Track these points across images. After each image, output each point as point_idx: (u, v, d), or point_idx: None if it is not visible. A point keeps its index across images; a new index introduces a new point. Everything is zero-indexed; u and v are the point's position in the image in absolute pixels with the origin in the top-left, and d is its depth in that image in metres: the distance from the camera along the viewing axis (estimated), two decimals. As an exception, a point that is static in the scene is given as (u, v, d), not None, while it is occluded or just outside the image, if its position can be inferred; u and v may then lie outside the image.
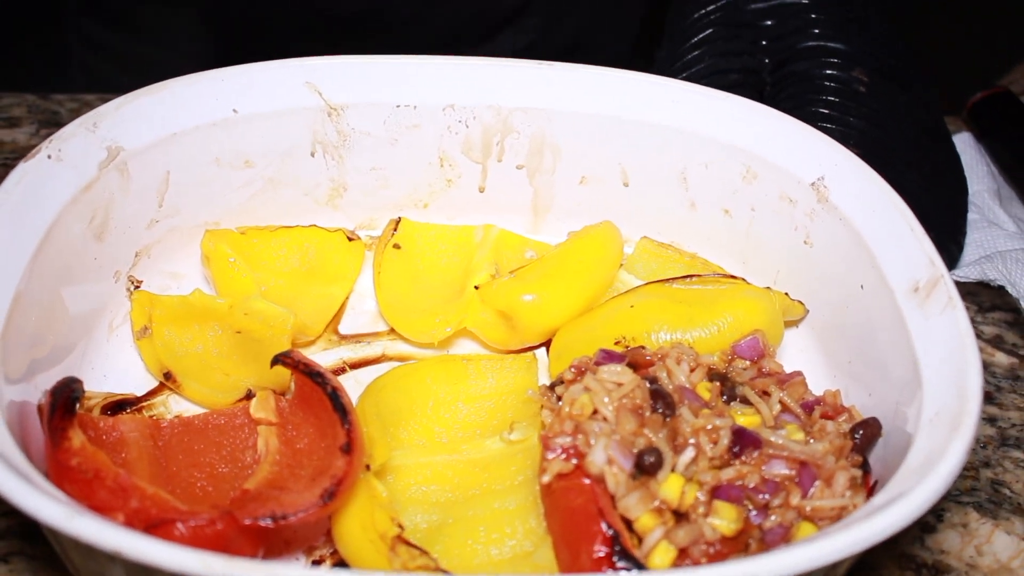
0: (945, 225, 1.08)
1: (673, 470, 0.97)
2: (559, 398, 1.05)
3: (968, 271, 1.38)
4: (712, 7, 1.52)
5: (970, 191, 1.52)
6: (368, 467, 1.03)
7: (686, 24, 1.53)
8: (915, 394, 0.98)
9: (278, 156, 1.26)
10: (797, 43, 1.45)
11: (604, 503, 0.96)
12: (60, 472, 0.93)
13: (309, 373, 1.04)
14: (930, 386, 0.97)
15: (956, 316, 1.00)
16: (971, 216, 1.48)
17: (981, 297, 1.43)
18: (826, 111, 1.38)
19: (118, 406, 1.13)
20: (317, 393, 1.03)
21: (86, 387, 1.05)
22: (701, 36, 1.50)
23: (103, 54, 1.84)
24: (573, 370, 1.07)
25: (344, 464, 0.97)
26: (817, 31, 1.44)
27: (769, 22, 1.49)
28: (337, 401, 1.01)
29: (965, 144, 1.60)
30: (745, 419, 1.04)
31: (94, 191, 1.13)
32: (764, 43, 1.47)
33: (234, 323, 1.18)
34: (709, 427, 1.00)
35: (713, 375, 1.08)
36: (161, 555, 0.78)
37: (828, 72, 1.40)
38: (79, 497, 0.91)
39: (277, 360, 1.06)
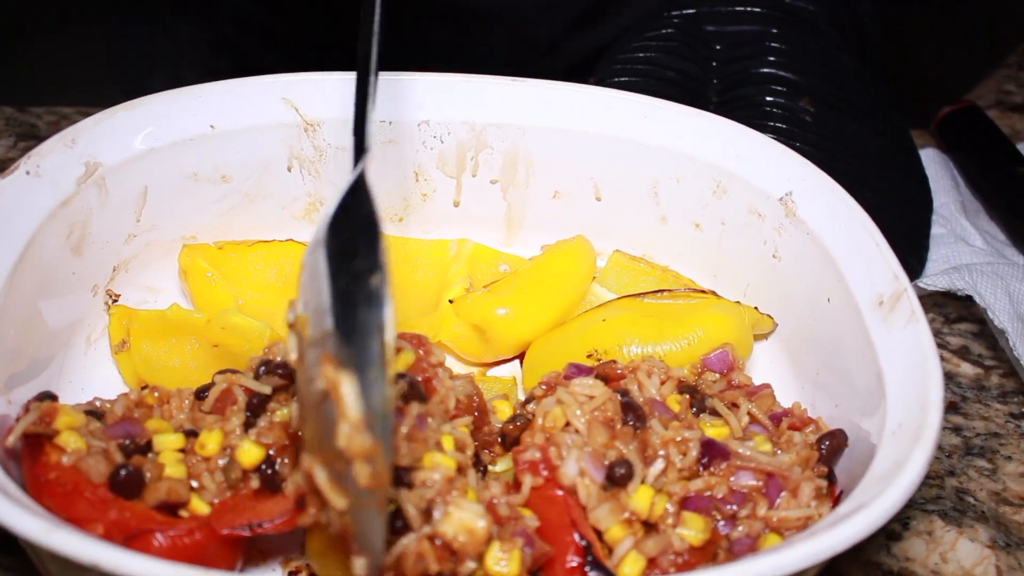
0: (905, 244, 1.10)
1: (643, 481, 0.99)
2: (532, 414, 1.07)
3: (936, 280, 1.41)
4: (677, 13, 1.54)
5: (937, 204, 1.55)
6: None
7: (648, 20, 1.56)
8: (879, 405, 1.01)
9: (255, 171, 1.27)
10: (750, 68, 1.48)
11: (576, 514, 0.98)
12: (39, 486, 0.94)
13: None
14: (893, 398, 0.99)
15: (919, 329, 1.02)
16: (938, 231, 1.51)
17: (948, 308, 1.46)
18: (771, 136, 1.40)
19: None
20: None
21: (64, 401, 1.06)
22: (657, 32, 1.52)
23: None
24: (544, 386, 1.09)
25: None
26: (772, 59, 1.48)
27: (719, 46, 1.52)
28: None
29: (932, 158, 1.63)
30: (714, 431, 1.06)
31: (72, 206, 1.15)
32: (715, 64, 1.50)
33: (211, 337, 1.19)
34: (678, 439, 1.02)
35: (683, 388, 1.10)
36: (137, 568, 0.80)
37: (774, 100, 1.44)
38: (58, 510, 0.92)
39: None
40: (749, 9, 1.52)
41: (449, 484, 0.94)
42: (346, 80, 1.26)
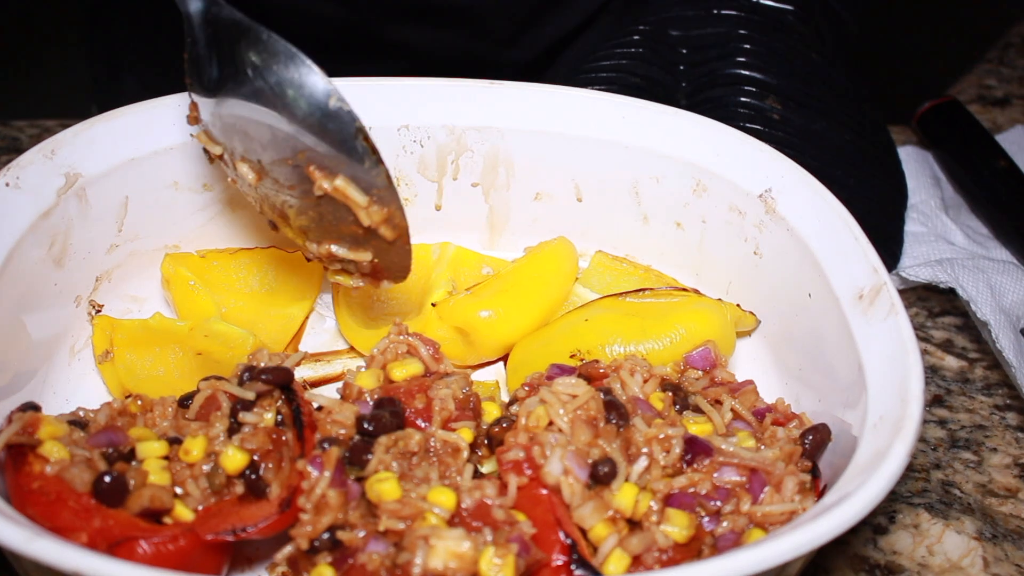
0: (876, 238, 1.11)
1: (627, 479, 0.99)
2: (516, 415, 1.07)
3: (918, 271, 1.41)
4: (643, 22, 1.56)
5: (917, 201, 1.55)
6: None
7: (615, 29, 1.57)
8: (860, 399, 1.01)
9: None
10: (717, 70, 1.49)
11: (561, 513, 0.98)
12: (22, 496, 0.94)
13: (284, 385, 1.05)
14: (874, 391, 1.00)
15: (899, 322, 1.02)
16: (919, 229, 1.51)
17: (931, 302, 1.46)
18: None
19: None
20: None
21: (49, 411, 1.06)
22: (623, 39, 1.53)
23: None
24: (527, 387, 1.10)
25: (299, 475, 0.99)
26: (739, 59, 1.49)
27: (685, 50, 1.53)
28: (298, 416, 1.03)
29: (912, 155, 1.63)
30: (697, 428, 1.06)
31: (53, 218, 1.15)
32: (682, 67, 1.51)
33: (195, 345, 1.19)
34: (662, 436, 1.02)
35: (666, 385, 1.11)
36: (119, 574, 0.80)
37: (743, 100, 1.45)
38: (42, 519, 0.92)
39: None
40: (716, 12, 1.54)
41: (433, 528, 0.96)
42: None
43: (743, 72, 1.48)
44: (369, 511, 0.98)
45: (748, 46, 1.50)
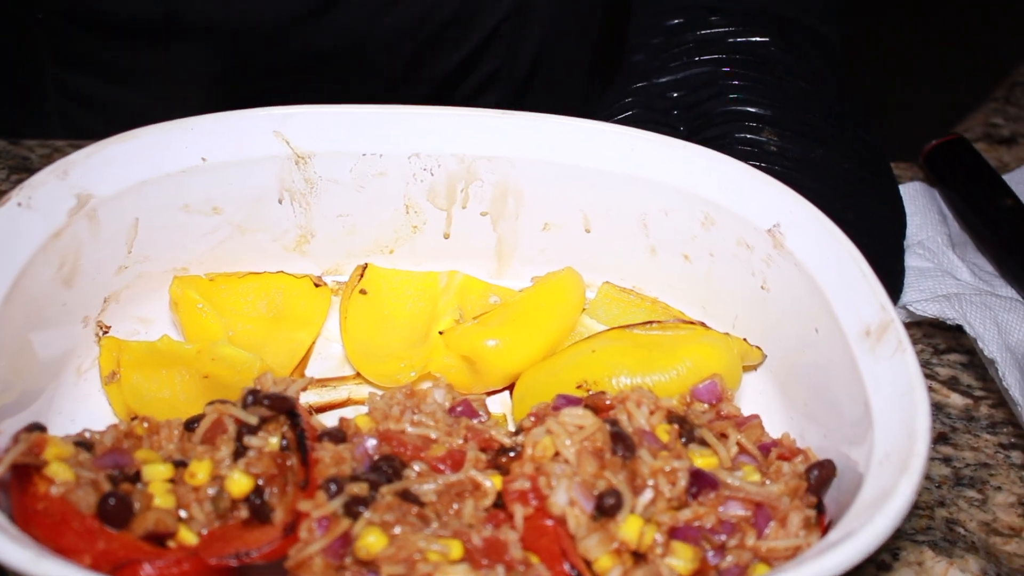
0: (877, 271, 1.12)
1: (632, 511, 0.99)
2: (522, 445, 1.07)
3: (926, 306, 1.41)
4: (635, 85, 1.57)
5: (923, 237, 1.56)
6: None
7: (612, 103, 1.58)
8: (866, 435, 1.01)
9: (246, 203, 1.28)
10: (712, 109, 1.50)
11: (566, 544, 0.98)
12: (26, 516, 0.94)
13: (285, 411, 1.05)
14: (880, 427, 1.00)
15: (906, 359, 1.03)
16: (925, 264, 1.51)
17: (937, 339, 1.46)
18: None
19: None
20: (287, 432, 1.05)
21: (54, 432, 1.06)
22: (621, 117, 1.55)
23: (80, 102, 1.85)
24: (533, 418, 1.10)
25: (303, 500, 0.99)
26: (733, 96, 1.50)
27: (676, 93, 1.54)
28: (302, 440, 1.03)
29: (919, 191, 1.64)
30: (703, 461, 1.06)
31: (64, 238, 1.15)
32: (676, 112, 1.52)
33: (201, 368, 1.19)
34: (667, 469, 1.02)
35: (672, 418, 1.11)
36: (125, 598, 0.80)
37: (740, 135, 1.46)
38: (46, 540, 0.92)
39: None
40: (697, 59, 1.55)
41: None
42: (338, 113, 1.27)
43: (736, 108, 1.49)
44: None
45: (737, 82, 1.51)
